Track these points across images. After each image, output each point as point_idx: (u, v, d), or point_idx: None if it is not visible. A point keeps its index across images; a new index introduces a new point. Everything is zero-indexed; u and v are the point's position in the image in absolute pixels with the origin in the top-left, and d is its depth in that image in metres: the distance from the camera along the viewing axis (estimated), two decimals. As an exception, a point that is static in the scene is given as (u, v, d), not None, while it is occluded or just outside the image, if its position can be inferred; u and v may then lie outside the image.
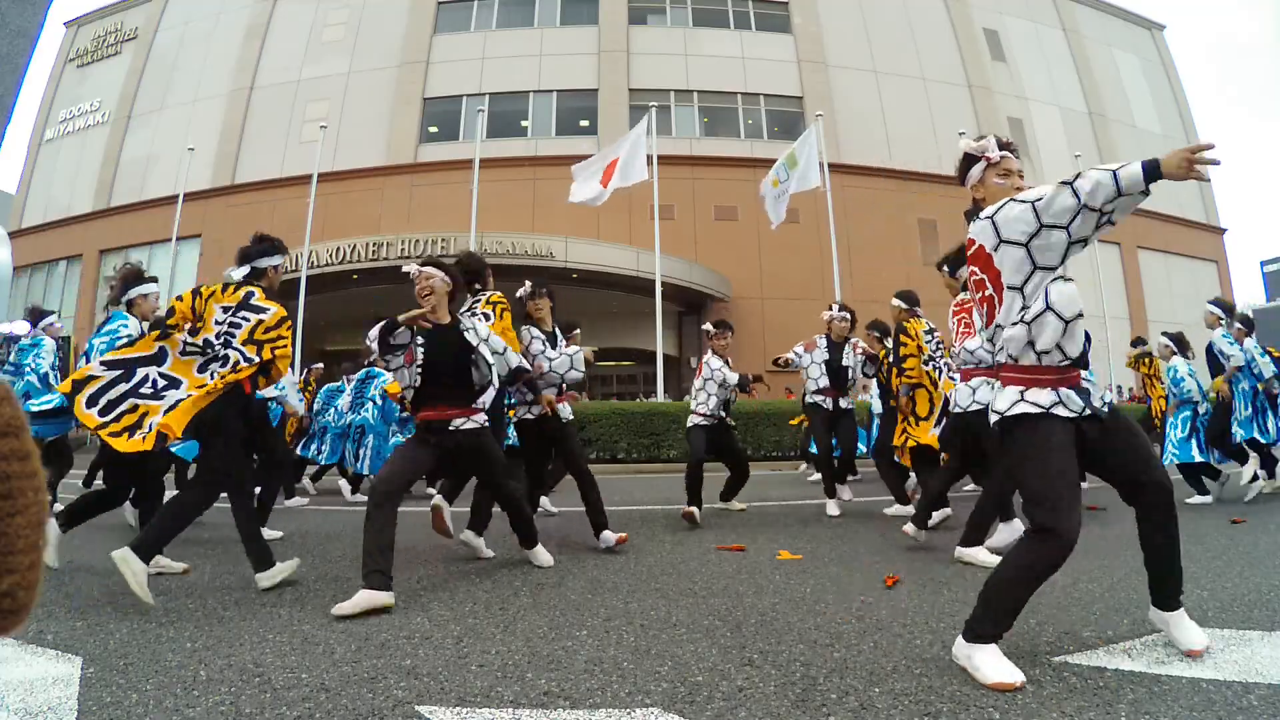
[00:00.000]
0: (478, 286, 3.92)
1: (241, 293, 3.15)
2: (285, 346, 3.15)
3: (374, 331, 2.96)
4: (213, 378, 2.99)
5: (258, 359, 3.04)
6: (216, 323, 3.07)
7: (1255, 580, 2.85)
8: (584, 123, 20.35)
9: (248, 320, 3.07)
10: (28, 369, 4.80)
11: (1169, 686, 1.75)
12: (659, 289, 13.51)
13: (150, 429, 2.81)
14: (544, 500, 6.02)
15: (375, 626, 2.42)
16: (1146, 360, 7.70)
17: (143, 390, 2.94)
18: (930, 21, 22.52)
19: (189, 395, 2.92)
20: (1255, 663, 1.90)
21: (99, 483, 4.97)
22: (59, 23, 26.65)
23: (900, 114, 20.99)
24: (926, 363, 4.82)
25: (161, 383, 2.97)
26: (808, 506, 5.79)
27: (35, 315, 5.19)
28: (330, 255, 16.05)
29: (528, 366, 3.77)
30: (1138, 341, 8.01)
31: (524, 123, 20.54)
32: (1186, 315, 23.32)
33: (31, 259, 23.23)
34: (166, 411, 2.86)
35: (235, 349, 3.03)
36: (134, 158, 22.82)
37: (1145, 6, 27.36)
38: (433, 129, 20.62)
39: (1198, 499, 5.42)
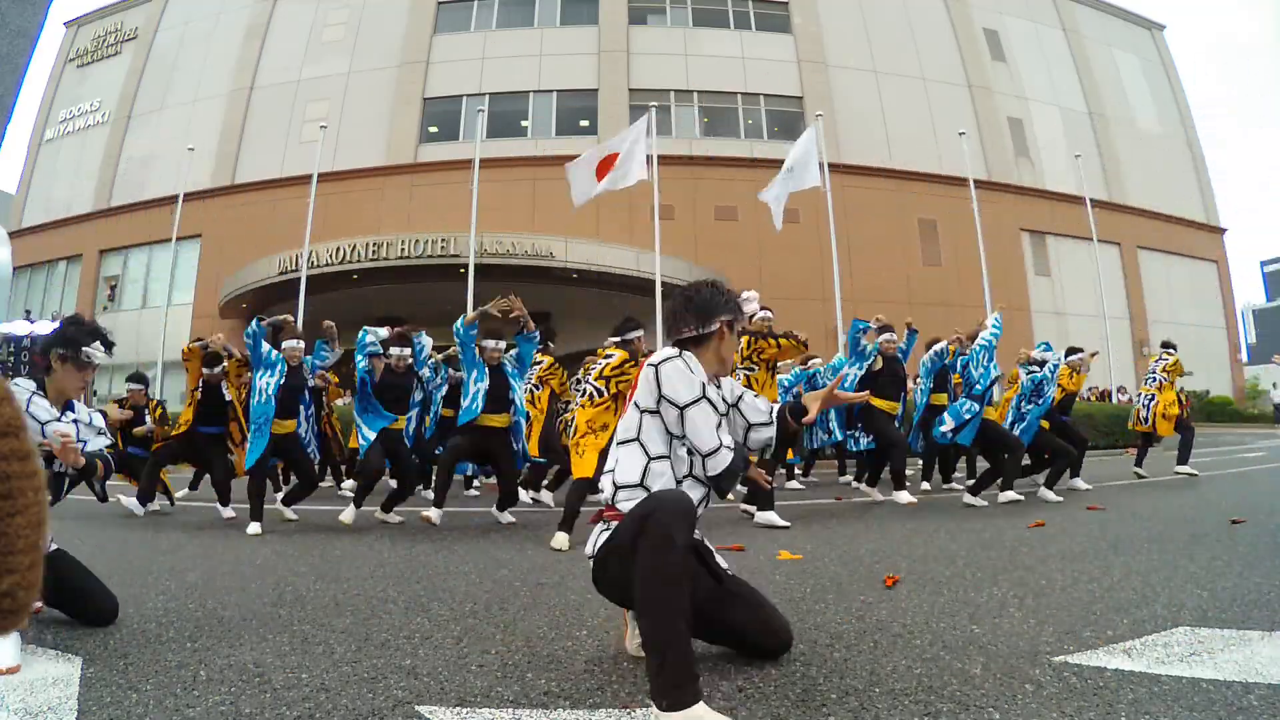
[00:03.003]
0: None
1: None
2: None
3: None
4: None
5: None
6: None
7: (1255, 580, 2.85)
8: (584, 123, 20.35)
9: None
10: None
11: (1169, 686, 1.75)
12: (659, 289, 13.49)
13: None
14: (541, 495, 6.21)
15: (375, 626, 2.42)
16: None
17: None
18: (930, 21, 22.52)
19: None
20: (1255, 663, 1.89)
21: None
22: (59, 23, 26.67)
23: (900, 114, 20.98)
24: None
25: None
26: (807, 507, 5.79)
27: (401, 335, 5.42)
28: (330, 255, 16.06)
29: None
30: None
31: (524, 123, 20.53)
32: (1187, 315, 23.34)
33: (31, 259, 23.24)
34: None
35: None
36: (134, 158, 22.82)
37: (1145, 6, 27.38)
38: (433, 129, 20.61)
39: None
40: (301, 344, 5.37)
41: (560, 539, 4.03)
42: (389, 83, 20.90)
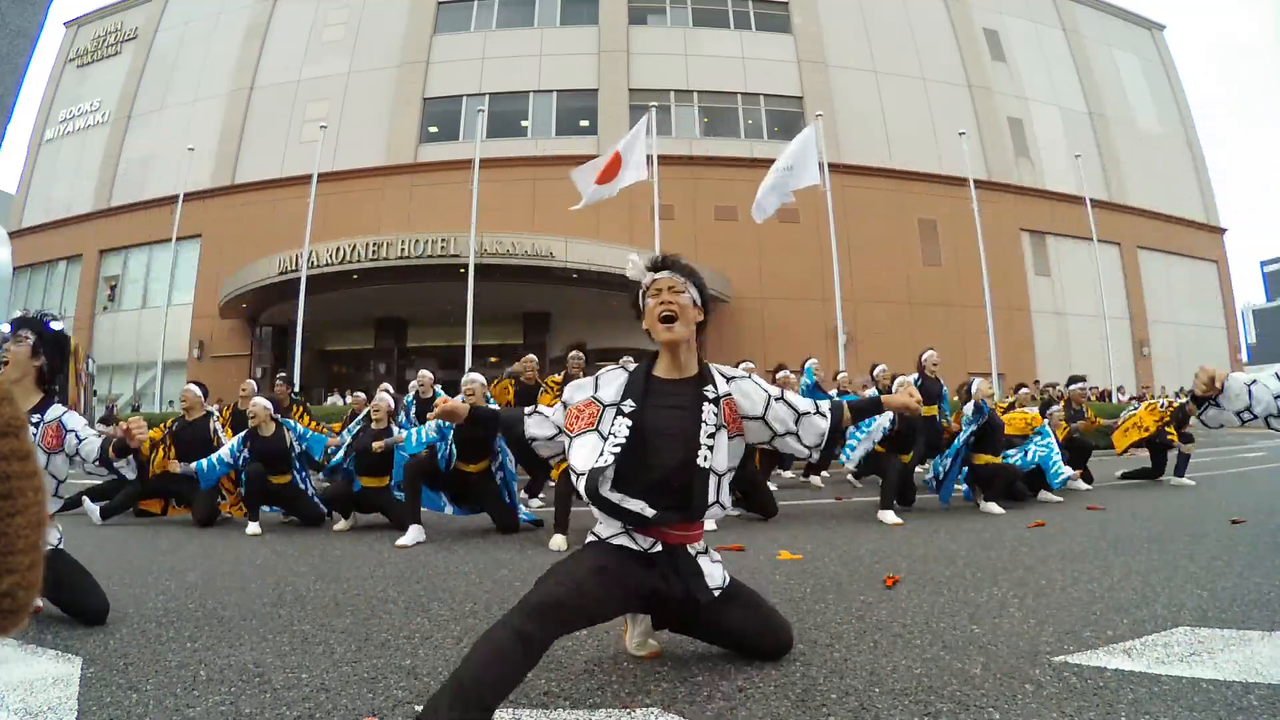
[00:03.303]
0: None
1: None
2: None
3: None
4: None
5: None
6: None
7: (1255, 580, 2.85)
8: (584, 123, 20.35)
9: None
10: None
11: (1169, 686, 1.75)
12: (659, 289, 13.47)
13: None
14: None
15: (375, 626, 2.42)
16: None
17: None
18: (930, 21, 22.52)
19: None
20: (1255, 663, 1.89)
21: None
22: (59, 23, 26.67)
23: (900, 114, 20.98)
24: None
25: None
26: (807, 507, 5.79)
27: None
28: (330, 255, 16.05)
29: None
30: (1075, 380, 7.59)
31: (524, 123, 20.53)
32: (1187, 315, 23.33)
33: (31, 259, 23.24)
34: None
35: None
36: (134, 158, 22.81)
37: (1145, 6, 27.37)
38: (433, 129, 20.60)
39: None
40: (269, 405, 5.21)
41: (558, 540, 4.03)
42: (389, 83, 20.90)
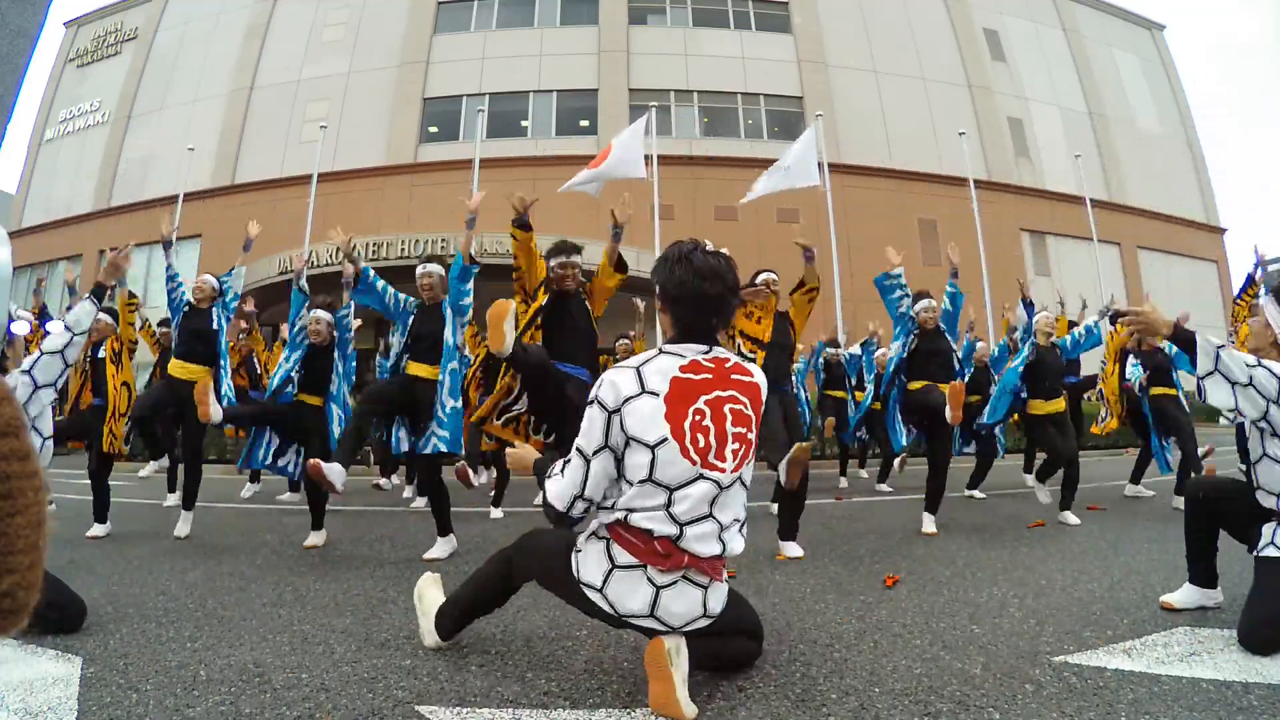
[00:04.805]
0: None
1: None
2: None
3: None
4: None
5: None
6: None
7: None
8: (584, 123, 20.34)
9: None
10: None
11: (1169, 686, 1.75)
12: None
13: None
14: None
15: (375, 627, 2.42)
16: None
17: None
18: (930, 21, 22.51)
19: None
20: (1255, 663, 1.90)
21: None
22: (59, 23, 26.65)
23: (900, 114, 20.97)
24: None
25: None
26: (808, 506, 5.78)
27: None
28: (330, 255, 16.05)
29: None
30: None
31: (524, 123, 20.52)
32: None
33: (31, 259, 23.22)
34: None
35: None
36: (134, 158, 22.80)
37: (1145, 6, 27.31)
38: (433, 129, 20.60)
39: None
40: (216, 285, 4.99)
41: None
42: (389, 83, 20.90)
